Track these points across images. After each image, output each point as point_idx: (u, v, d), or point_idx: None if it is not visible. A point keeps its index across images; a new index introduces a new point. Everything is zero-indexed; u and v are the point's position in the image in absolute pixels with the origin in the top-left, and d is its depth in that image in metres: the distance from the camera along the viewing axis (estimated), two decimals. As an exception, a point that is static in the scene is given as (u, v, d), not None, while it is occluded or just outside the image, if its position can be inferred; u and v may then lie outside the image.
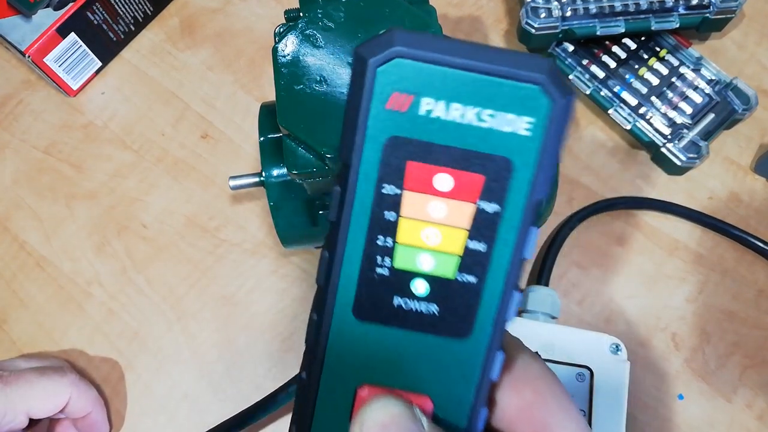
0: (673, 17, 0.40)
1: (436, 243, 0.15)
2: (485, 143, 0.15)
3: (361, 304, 0.16)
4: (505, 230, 0.15)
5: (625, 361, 0.33)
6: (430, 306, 0.16)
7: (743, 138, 0.42)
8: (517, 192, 0.15)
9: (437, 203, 0.15)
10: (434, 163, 0.15)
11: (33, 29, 0.41)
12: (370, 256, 0.16)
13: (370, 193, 0.15)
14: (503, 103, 0.14)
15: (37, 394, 0.31)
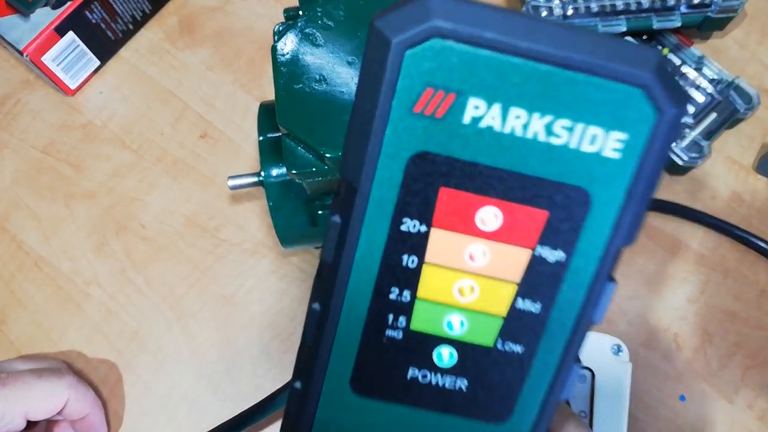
0: (674, 16, 0.39)
1: (472, 300, 0.11)
2: (555, 168, 0.10)
3: (362, 375, 0.12)
4: (570, 287, 0.11)
5: (626, 363, 0.33)
6: (457, 380, 0.12)
7: (745, 138, 0.41)
8: (594, 236, 0.11)
9: (478, 247, 0.11)
10: (478, 192, 0.11)
11: (31, 28, 0.40)
12: (379, 315, 0.12)
13: (383, 229, 0.11)
14: (587, 110, 0.10)
15: (35, 396, 0.30)
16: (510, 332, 0.12)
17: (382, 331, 0.12)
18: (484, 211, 0.11)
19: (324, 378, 0.12)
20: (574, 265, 0.11)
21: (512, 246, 0.11)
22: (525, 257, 0.11)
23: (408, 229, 0.11)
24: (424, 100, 0.10)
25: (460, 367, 0.12)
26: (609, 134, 0.10)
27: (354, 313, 0.12)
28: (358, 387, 0.12)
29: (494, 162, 0.10)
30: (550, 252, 0.11)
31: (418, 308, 0.12)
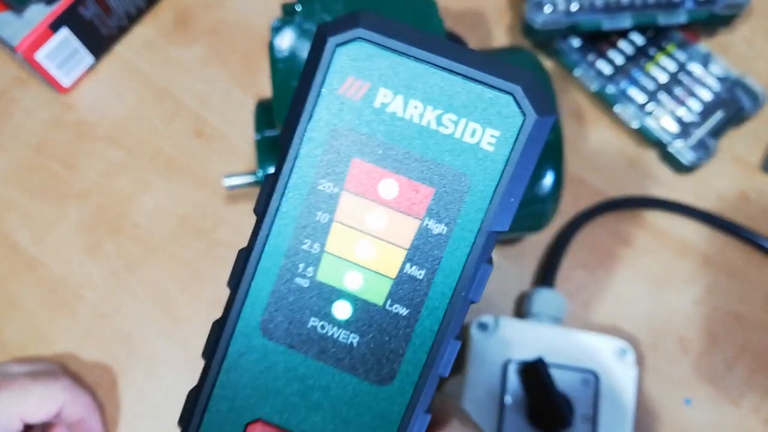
0: (680, 12, 0.39)
1: (369, 258, 0.13)
2: (442, 152, 0.13)
3: (271, 318, 0.13)
4: (449, 259, 0.13)
5: (632, 366, 0.32)
6: (350, 336, 0.13)
7: (752, 136, 0.41)
8: (471, 215, 0.13)
9: (378, 211, 0.13)
10: (381, 165, 0.13)
11: (24, 25, 0.40)
12: (292, 262, 0.13)
13: (304, 187, 0.13)
14: (469, 108, 0.12)
15: (31, 400, 0.30)
16: (398, 294, 0.13)
17: (293, 278, 0.13)
18: (385, 182, 0.13)
19: (239, 317, 0.13)
20: (454, 239, 0.13)
21: (405, 214, 0.13)
22: (414, 225, 0.13)
23: (323, 189, 0.13)
24: (347, 86, 0.13)
25: (354, 322, 0.13)
26: (486, 130, 0.12)
27: (272, 260, 0.13)
28: (266, 329, 0.13)
29: (395, 141, 0.13)
30: (435, 224, 0.13)
31: (325, 260, 0.13)
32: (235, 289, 0.14)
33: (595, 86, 0.40)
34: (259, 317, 0.14)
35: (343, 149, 0.13)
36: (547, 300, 0.35)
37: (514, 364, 0.32)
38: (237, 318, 0.14)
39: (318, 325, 0.13)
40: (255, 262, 0.13)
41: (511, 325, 0.33)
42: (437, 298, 0.13)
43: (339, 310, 0.13)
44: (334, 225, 0.13)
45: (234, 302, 0.13)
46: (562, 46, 0.41)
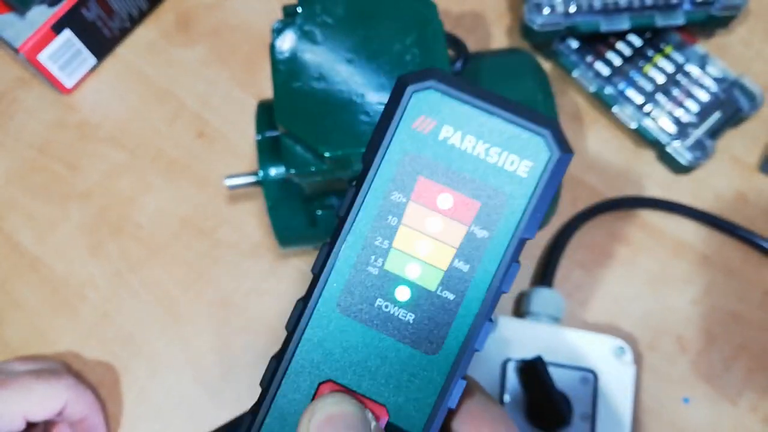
0: (678, 13, 0.39)
1: (426, 254, 0.17)
2: (488, 175, 0.16)
3: (346, 297, 0.17)
4: (489, 257, 0.16)
5: (630, 364, 0.33)
6: (407, 314, 0.17)
7: (750, 136, 0.41)
8: (507, 225, 0.16)
9: (436, 218, 0.17)
10: (441, 182, 0.16)
11: (27, 26, 0.40)
12: (366, 254, 0.17)
13: (380, 196, 0.17)
14: (510, 144, 0.16)
15: (34, 397, 0.30)
16: (447, 283, 0.17)
17: (365, 266, 0.17)
18: (443, 195, 0.17)
19: (320, 296, 0.17)
20: (493, 243, 0.16)
21: (457, 221, 0.17)
22: (463, 230, 0.17)
23: (394, 199, 0.17)
24: (419, 122, 0.16)
25: (411, 304, 0.17)
26: (522, 161, 0.16)
27: (350, 252, 0.17)
28: (342, 306, 0.17)
29: (453, 165, 0.16)
30: (479, 230, 0.16)
31: (392, 254, 0.17)
32: (318, 274, 0.17)
33: (594, 87, 0.40)
34: (337, 297, 0.17)
35: (412, 169, 0.16)
36: (545, 299, 0.35)
37: (513, 363, 0.32)
38: (318, 297, 0.17)
39: (383, 305, 0.17)
40: (337, 253, 0.17)
41: (510, 325, 0.33)
42: (477, 287, 0.17)
43: (400, 294, 0.17)
44: (401, 227, 0.17)
45: (317, 284, 0.17)
46: (560, 48, 0.41)
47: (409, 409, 0.17)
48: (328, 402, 0.16)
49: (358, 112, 0.26)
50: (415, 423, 0.17)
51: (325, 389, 0.17)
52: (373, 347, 0.17)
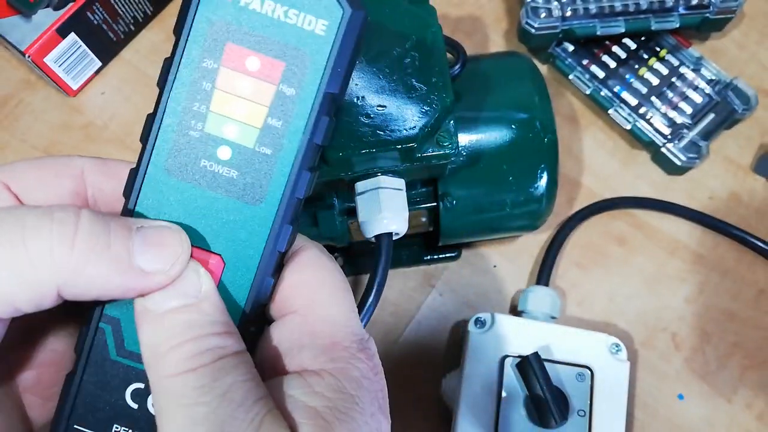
0: (673, 17, 0.40)
1: (242, 114, 0.18)
2: (288, 36, 0.17)
3: (173, 161, 0.18)
4: (299, 112, 0.18)
5: (625, 361, 0.33)
6: (231, 171, 0.18)
7: (743, 138, 0.42)
8: (311, 81, 0.18)
9: (246, 80, 0.18)
10: (247, 46, 0.17)
11: (33, 29, 0.40)
12: (186, 119, 0.18)
13: (193, 64, 0.18)
14: (306, 5, 0.17)
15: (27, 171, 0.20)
16: (264, 139, 0.18)
17: (187, 131, 0.18)
18: (250, 59, 0.18)
19: (149, 163, 0.18)
20: (301, 98, 0.18)
21: (266, 82, 0.18)
22: (272, 90, 0.18)
23: (207, 66, 0.18)
24: None
25: (233, 161, 0.18)
26: (318, 20, 0.17)
27: (171, 119, 0.18)
28: (169, 170, 0.18)
29: (256, 29, 0.17)
30: (287, 88, 0.18)
31: (210, 117, 0.18)
32: (145, 143, 0.18)
33: (589, 90, 0.41)
34: (164, 162, 0.18)
35: (219, 36, 0.17)
36: (542, 298, 0.36)
37: (510, 360, 0.32)
38: (147, 164, 0.18)
39: (207, 165, 0.18)
40: (159, 122, 0.18)
41: (508, 322, 0.34)
42: (292, 140, 0.18)
43: (222, 153, 0.18)
44: (216, 91, 0.18)
45: (144, 152, 0.18)
46: (556, 51, 0.42)
47: (242, 255, 0.18)
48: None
49: (358, 114, 0.27)
50: (249, 267, 0.18)
51: None
52: (203, 204, 0.18)
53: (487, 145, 0.32)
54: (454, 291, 0.39)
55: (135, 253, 0.17)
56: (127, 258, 0.17)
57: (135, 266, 0.17)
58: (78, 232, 0.16)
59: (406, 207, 0.28)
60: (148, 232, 0.17)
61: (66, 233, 0.16)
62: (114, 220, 0.17)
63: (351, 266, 0.39)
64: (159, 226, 0.17)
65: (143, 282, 0.17)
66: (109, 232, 0.16)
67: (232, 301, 0.18)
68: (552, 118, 0.33)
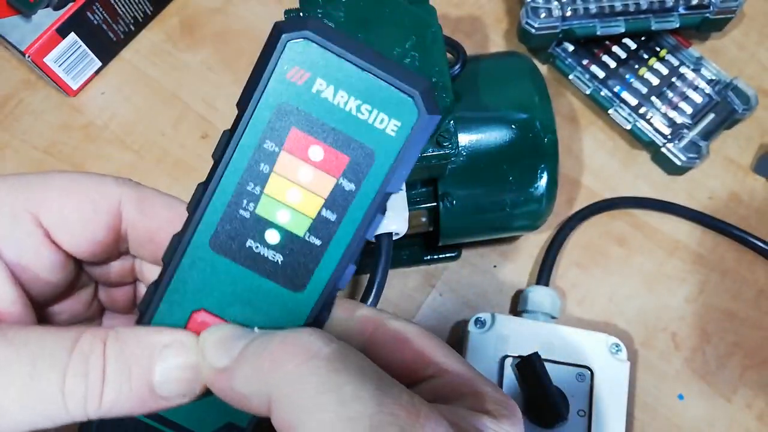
0: (673, 17, 0.40)
1: (296, 202, 0.17)
2: (358, 131, 0.17)
3: (218, 236, 0.18)
4: (355, 208, 0.17)
5: (625, 361, 0.33)
6: (276, 255, 0.18)
7: (743, 138, 0.42)
8: (373, 180, 0.17)
9: (306, 169, 0.17)
10: (312, 135, 0.17)
11: (33, 29, 0.40)
12: (238, 198, 0.18)
13: (253, 143, 0.17)
14: (380, 103, 0.17)
15: (63, 201, 0.18)
16: (315, 230, 0.18)
17: (238, 209, 0.18)
18: (314, 148, 0.17)
19: (194, 233, 0.18)
20: (359, 196, 0.17)
21: (326, 174, 0.17)
22: (332, 183, 0.17)
23: (267, 147, 0.17)
24: (293, 72, 0.17)
25: (280, 246, 0.18)
26: (391, 120, 0.17)
27: (223, 195, 0.17)
28: (214, 244, 0.18)
29: (325, 119, 0.17)
30: (347, 183, 0.17)
31: (263, 200, 0.17)
32: (192, 214, 0.18)
33: (589, 90, 0.41)
34: (210, 235, 0.18)
35: (285, 119, 0.17)
36: (542, 298, 0.36)
37: (510, 360, 0.32)
38: (192, 234, 0.18)
39: (253, 246, 0.18)
40: (210, 195, 0.17)
41: (508, 322, 0.34)
42: (342, 235, 0.18)
43: (270, 237, 0.18)
44: (272, 175, 0.17)
45: (191, 223, 0.18)
46: (556, 51, 0.42)
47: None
48: (211, 330, 0.18)
49: (359, 114, 0.27)
50: None
51: (198, 317, 0.18)
52: (243, 283, 0.18)
53: (487, 145, 0.32)
54: (454, 291, 0.39)
55: (156, 385, 0.17)
56: (149, 393, 0.17)
57: (157, 395, 0.17)
58: (106, 380, 0.16)
59: (406, 207, 0.28)
60: (170, 357, 0.17)
61: (94, 383, 0.16)
62: (137, 345, 0.17)
63: (351, 266, 0.39)
64: (182, 344, 0.17)
65: (165, 405, 0.17)
66: (130, 370, 0.17)
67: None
68: (552, 118, 0.33)
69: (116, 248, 0.21)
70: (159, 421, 0.18)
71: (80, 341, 0.17)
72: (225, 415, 0.19)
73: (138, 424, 0.19)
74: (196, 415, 0.19)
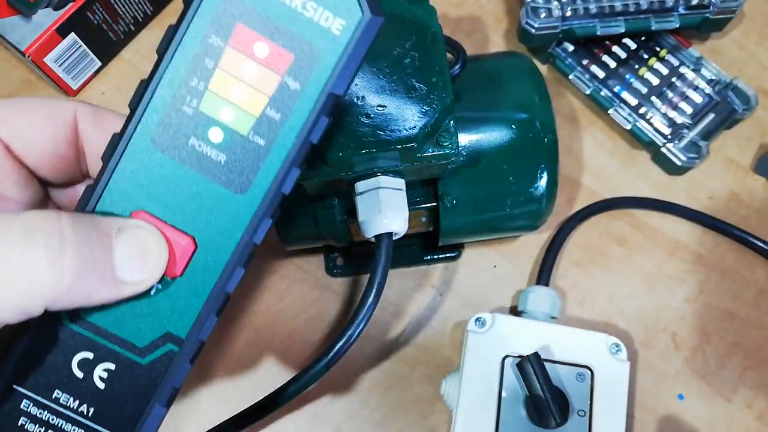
0: (673, 17, 0.40)
1: (241, 99, 0.17)
2: (303, 29, 0.17)
3: (160, 133, 0.17)
4: (300, 108, 0.17)
5: (625, 361, 0.33)
6: (219, 154, 0.17)
7: (743, 138, 0.42)
8: (317, 80, 0.17)
9: (251, 65, 0.17)
10: (258, 31, 0.17)
11: (33, 29, 0.40)
12: (181, 94, 0.17)
13: (198, 38, 0.17)
14: (326, 1, 0.17)
15: (19, 115, 0.19)
16: (259, 128, 0.17)
17: (180, 105, 0.17)
18: (259, 44, 0.17)
19: (135, 130, 0.17)
20: (304, 94, 0.17)
21: (271, 71, 0.17)
22: (277, 80, 0.17)
23: (212, 42, 0.17)
24: None
25: (223, 145, 0.17)
26: (336, 19, 0.17)
27: (166, 90, 0.17)
28: (155, 141, 0.17)
29: (271, 16, 0.16)
30: (292, 81, 0.17)
31: (207, 96, 0.17)
32: (134, 110, 0.17)
33: (589, 90, 0.41)
34: (151, 132, 0.17)
35: (231, 14, 0.16)
36: (542, 298, 0.36)
37: (511, 360, 0.32)
38: (133, 131, 0.17)
39: (196, 144, 0.17)
40: (152, 91, 0.17)
41: (508, 322, 0.34)
42: (287, 135, 0.17)
43: (213, 135, 0.17)
44: (217, 71, 0.17)
45: (132, 119, 0.17)
46: (556, 51, 0.42)
47: (216, 242, 0.18)
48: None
49: (358, 114, 0.27)
50: (222, 255, 0.18)
51: (137, 215, 0.18)
52: (185, 183, 0.17)
53: (487, 145, 0.32)
54: (454, 291, 0.39)
55: (117, 266, 0.17)
56: (111, 272, 0.16)
57: (118, 279, 0.17)
58: (65, 249, 0.16)
59: (406, 207, 0.28)
60: (128, 238, 0.17)
61: (53, 253, 0.15)
62: (94, 226, 0.17)
63: (351, 266, 0.39)
64: (137, 228, 0.17)
65: (125, 291, 0.17)
66: (92, 242, 0.16)
67: (199, 286, 0.18)
68: (552, 118, 0.33)
69: (79, 169, 0.21)
70: (94, 331, 0.18)
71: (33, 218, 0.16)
72: (163, 324, 0.18)
73: (72, 335, 0.18)
74: (132, 324, 0.18)
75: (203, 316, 0.18)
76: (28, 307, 0.15)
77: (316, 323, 0.38)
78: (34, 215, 0.16)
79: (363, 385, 0.37)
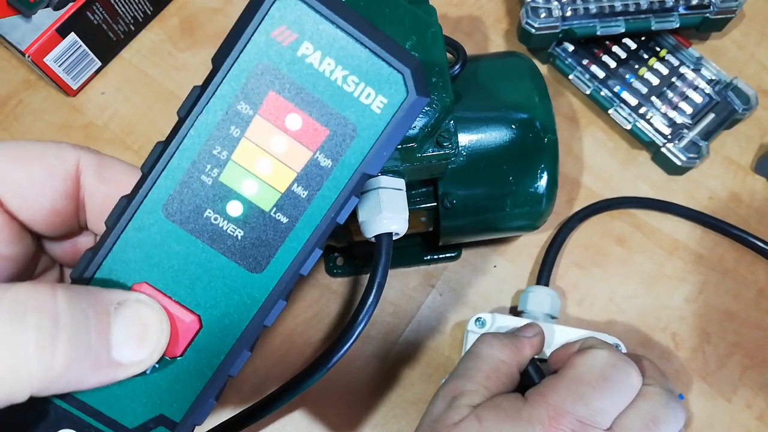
0: (673, 17, 0.40)
1: (266, 173, 0.16)
2: (342, 104, 0.15)
3: (174, 202, 0.16)
4: (329, 187, 0.16)
5: (625, 361, 0.33)
6: (237, 230, 0.16)
7: (743, 138, 0.42)
8: (352, 158, 0.16)
9: (281, 138, 0.16)
10: (292, 102, 0.15)
11: (33, 29, 0.41)
12: (201, 162, 0.16)
13: (226, 103, 0.15)
14: (369, 76, 0.15)
15: (15, 166, 0.17)
16: (283, 205, 0.16)
17: (199, 174, 0.16)
18: (292, 115, 0.15)
19: (146, 196, 0.16)
20: (335, 173, 0.16)
21: (302, 145, 0.16)
22: (307, 156, 0.16)
23: (241, 110, 0.15)
24: (278, 32, 0.15)
25: (242, 221, 0.16)
26: (378, 96, 0.15)
27: (184, 156, 0.16)
28: (167, 210, 0.16)
29: (307, 86, 0.15)
30: (323, 158, 0.16)
31: (229, 167, 0.16)
32: (147, 174, 0.16)
33: (589, 90, 0.41)
34: (164, 200, 0.16)
35: (264, 81, 0.15)
36: (542, 298, 0.36)
37: (510, 360, 0.32)
38: (144, 197, 0.16)
39: (212, 217, 0.16)
40: (169, 156, 0.16)
41: (508, 322, 0.34)
42: (312, 215, 0.16)
43: (232, 209, 0.16)
44: (243, 140, 0.16)
45: (144, 184, 0.16)
46: (556, 51, 0.42)
47: (223, 322, 0.16)
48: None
49: (359, 114, 0.27)
50: (228, 336, 0.16)
51: (139, 289, 0.16)
52: (195, 257, 0.16)
53: (487, 145, 0.32)
54: (454, 291, 0.39)
55: (114, 346, 0.15)
56: (106, 354, 0.15)
57: (114, 361, 0.15)
58: (58, 334, 0.14)
59: (406, 207, 0.28)
60: (127, 315, 0.15)
61: (45, 338, 0.14)
62: (92, 302, 0.15)
63: (351, 266, 0.39)
64: (138, 303, 0.16)
65: (120, 375, 0.15)
66: (89, 322, 0.15)
67: (200, 368, 0.16)
68: (552, 118, 0.33)
69: (77, 221, 0.19)
70: (79, 407, 0.16)
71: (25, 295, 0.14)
72: (156, 405, 0.16)
73: (55, 410, 0.16)
74: (123, 403, 0.16)
75: (201, 399, 0.16)
76: (10, 396, 0.14)
77: (316, 323, 0.38)
78: (25, 292, 0.14)
79: (363, 385, 0.37)
